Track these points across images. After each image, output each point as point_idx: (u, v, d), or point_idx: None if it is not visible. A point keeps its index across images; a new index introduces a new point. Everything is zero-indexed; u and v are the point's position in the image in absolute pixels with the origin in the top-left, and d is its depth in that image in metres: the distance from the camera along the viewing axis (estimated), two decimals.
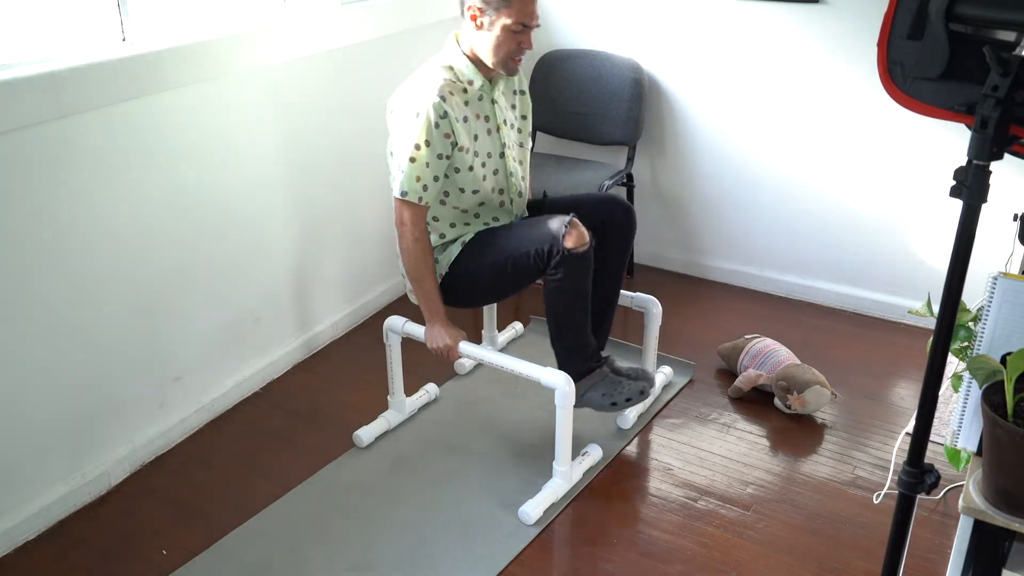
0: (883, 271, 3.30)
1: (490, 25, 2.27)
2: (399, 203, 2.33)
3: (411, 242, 2.35)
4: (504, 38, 2.28)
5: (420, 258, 2.37)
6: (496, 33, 2.28)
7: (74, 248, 2.26)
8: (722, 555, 2.22)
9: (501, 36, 2.28)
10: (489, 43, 2.29)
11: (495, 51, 2.30)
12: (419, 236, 2.35)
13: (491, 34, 2.28)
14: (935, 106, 1.34)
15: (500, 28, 2.27)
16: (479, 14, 2.27)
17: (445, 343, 2.43)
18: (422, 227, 2.35)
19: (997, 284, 1.45)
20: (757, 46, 3.24)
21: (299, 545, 2.25)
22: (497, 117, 2.42)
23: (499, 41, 2.29)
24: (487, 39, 2.29)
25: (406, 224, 2.34)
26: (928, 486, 1.48)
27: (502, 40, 2.29)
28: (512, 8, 2.25)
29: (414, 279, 2.40)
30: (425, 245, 2.37)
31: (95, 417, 2.41)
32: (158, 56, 2.31)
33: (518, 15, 2.26)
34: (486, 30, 2.28)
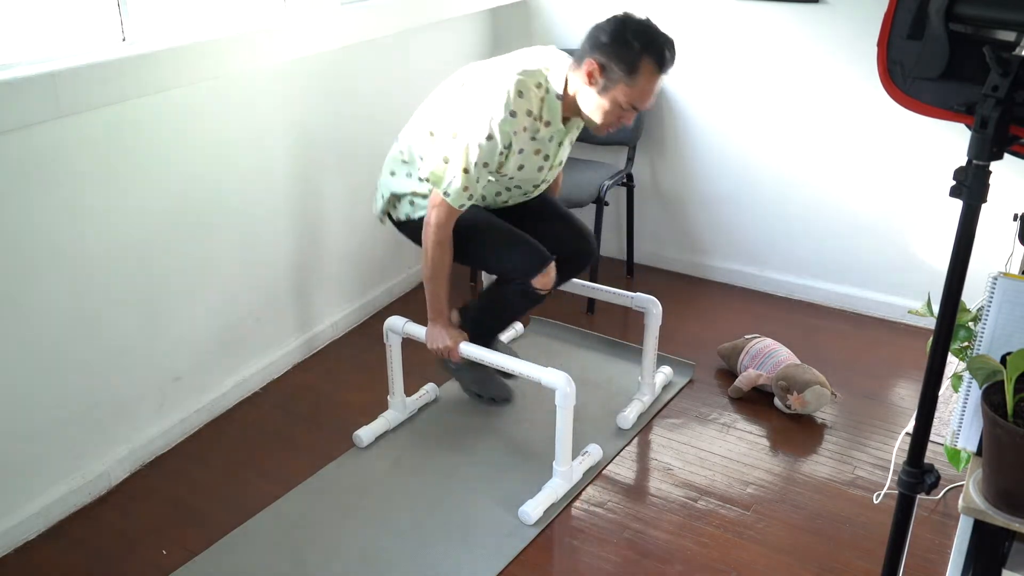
0: (883, 271, 3.30)
1: (603, 89, 2.20)
2: (440, 204, 2.27)
3: (434, 244, 2.32)
4: (611, 108, 2.22)
5: (439, 260, 2.35)
6: (605, 100, 2.21)
7: (74, 248, 2.26)
8: (722, 555, 2.22)
9: (608, 105, 2.22)
10: (594, 104, 2.23)
11: (595, 114, 2.25)
12: (443, 239, 2.31)
13: (600, 97, 2.21)
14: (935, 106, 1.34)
15: (611, 98, 2.20)
16: (598, 73, 2.19)
17: (445, 344, 2.43)
18: (449, 230, 2.31)
19: (997, 284, 1.45)
20: (757, 46, 3.24)
21: (299, 545, 2.25)
22: (553, 157, 2.41)
23: (604, 108, 2.22)
24: (593, 99, 2.22)
25: (435, 225, 2.30)
26: (928, 486, 1.48)
27: (608, 109, 2.22)
28: (634, 87, 2.18)
29: (427, 277, 2.39)
30: (447, 248, 2.34)
31: (95, 417, 2.41)
32: (158, 56, 2.31)
33: (636, 96, 2.20)
34: (597, 91, 2.21)
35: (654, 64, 2.18)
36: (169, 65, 2.35)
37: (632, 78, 2.17)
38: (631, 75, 2.17)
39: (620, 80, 2.18)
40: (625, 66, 2.17)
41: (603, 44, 2.17)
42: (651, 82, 2.20)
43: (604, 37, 2.18)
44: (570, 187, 3.22)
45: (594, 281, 3.10)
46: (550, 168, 2.43)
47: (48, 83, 2.07)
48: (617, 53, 2.16)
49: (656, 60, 2.18)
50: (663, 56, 2.18)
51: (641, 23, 2.19)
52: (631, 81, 2.18)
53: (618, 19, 2.19)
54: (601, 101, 2.22)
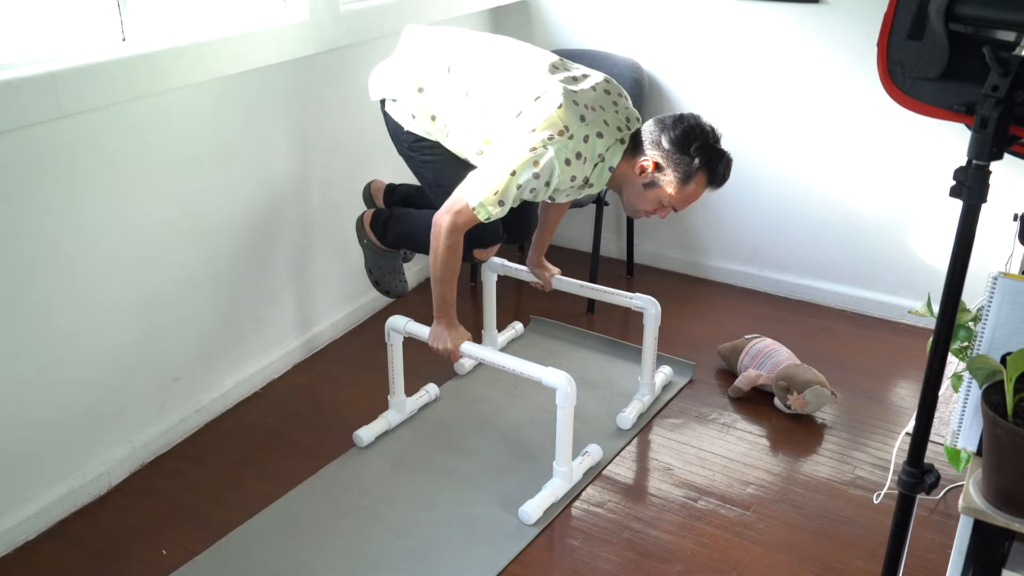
0: (883, 271, 3.30)
1: (651, 184, 2.25)
2: (463, 211, 2.21)
3: (444, 248, 2.28)
4: (651, 201, 2.28)
5: (451, 264, 2.32)
6: (650, 194, 2.26)
7: (74, 248, 2.26)
8: (722, 555, 2.22)
9: (651, 200, 2.27)
10: (638, 194, 2.28)
11: (635, 201, 2.30)
12: (453, 245, 2.27)
13: (646, 191, 2.26)
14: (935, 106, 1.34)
15: (656, 193, 2.25)
16: (651, 170, 2.23)
17: (446, 345, 2.42)
18: (459, 237, 2.28)
19: (997, 284, 1.45)
20: (757, 46, 3.24)
21: (299, 545, 2.25)
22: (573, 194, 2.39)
23: (646, 200, 2.28)
24: (639, 189, 2.27)
25: (446, 230, 2.24)
26: (928, 486, 1.48)
27: (649, 201, 2.28)
28: (681, 194, 2.25)
29: (436, 279, 2.36)
30: (457, 254, 2.32)
31: (95, 417, 2.41)
32: (158, 56, 2.31)
33: (679, 201, 2.27)
34: (644, 184, 2.25)
35: (707, 179, 2.25)
36: (169, 65, 2.35)
37: (683, 187, 2.24)
38: (682, 182, 2.23)
39: (670, 184, 2.24)
40: (680, 175, 2.23)
41: (664, 143, 2.22)
42: (699, 193, 2.27)
43: (666, 142, 2.22)
44: None
45: (594, 281, 3.11)
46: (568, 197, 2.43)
47: (48, 83, 2.07)
48: (676, 160, 2.22)
49: (710, 176, 2.25)
50: (717, 174, 2.25)
51: (706, 136, 2.23)
52: (681, 189, 2.24)
53: (686, 127, 2.22)
54: (646, 194, 2.28)
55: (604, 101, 2.29)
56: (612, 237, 3.78)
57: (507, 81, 2.30)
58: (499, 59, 2.35)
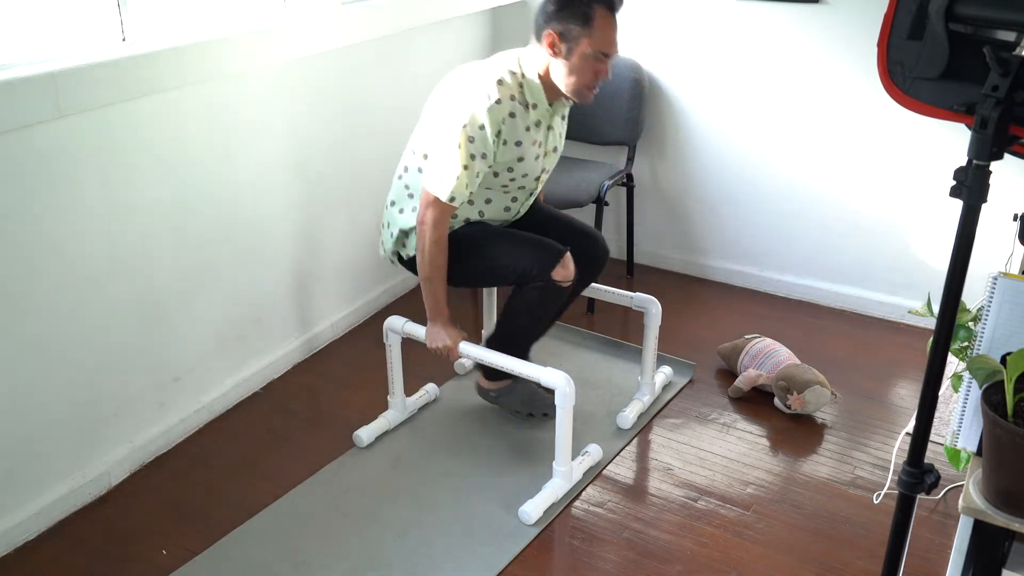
0: (883, 271, 3.30)
1: (568, 53, 2.23)
2: (436, 204, 2.27)
3: (431, 243, 2.31)
4: (582, 66, 2.25)
5: (437, 258, 2.34)
6: (574, 61, 2.24)
7: (74, 248, 2.26)
8: (722, 555, 2.22)
9: (579, 64, 2.24)
10: (566, 69, 2.25)
11: (572, 80, 2.27)
12: (439, 238, 2.31)
13: (568, 62, 2.24)
14: (935, 106, 1.34)
15: (579, 56, 2.23)
16: (557, 40, 2.22)
17: (445, 343, 2.43)
18: (444, 230, 2.31)
19: (997, 284, 1.45)
20: (757, 46, 3.24)
21: (299, 545, 2.25)
22: (548, 144, 2.41)
23: (577, 69, 2.25)
24: (564, 65, 2.25)
25: (430, 225, 2.29)
26: (928, 486, 1.48)
27: (580, 68, 2.25)
28: (593, 36, 2.21)
29: (424, 277, 2.38)
30: (443, 247, 2.34)
31: (95, 417, 2.41)
32: (158, 56, 2.31)
33: (598, 43, 2.23)
34: (563, 57, 2.24)
35: (605, 8, 2.24)
36: (169, 65, 2.35)
37: (589, 29, 2.22)
38: (588, 27, 2.22)
39: (580, 36, 2.22)
40: (580, 21, 2.22)
41: (552, 12, 2.23)
42: (609, 26, 2.25)
43: (551, 6, 2.23)
44: (570, 187, 3.23)
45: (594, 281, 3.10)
46: (545, 155, 2.43)
47: (48, 83, 2.07)
48: (567, 13, 2.22)
49: (606, 4, 2.24)
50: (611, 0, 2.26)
51: None
52: (590, 32, 2.22)
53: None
54: (571, 63, 2.26)
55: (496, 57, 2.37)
56: (612, 237, 3.78)
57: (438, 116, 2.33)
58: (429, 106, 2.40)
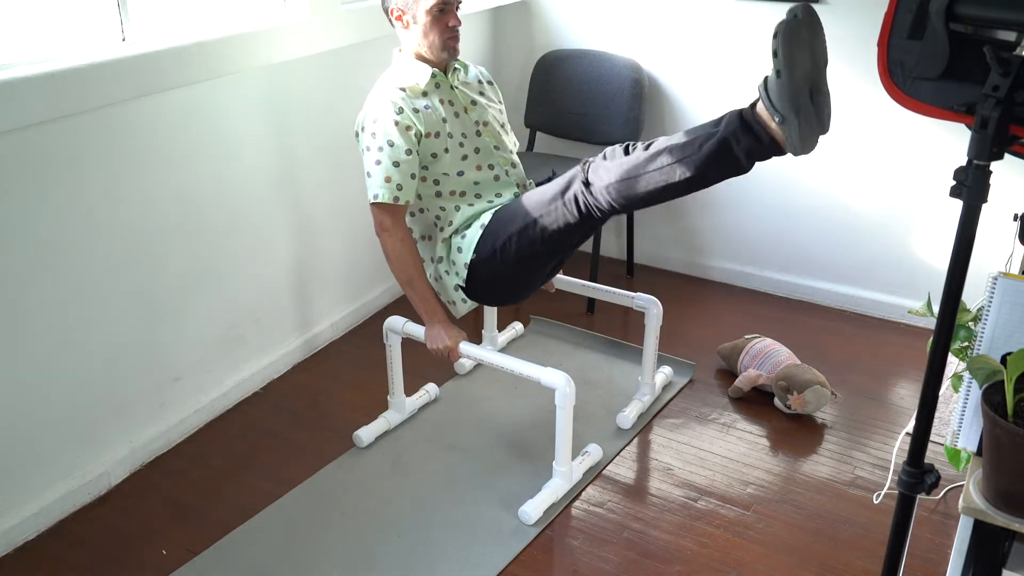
0: (883, 271, 3.30)
1: (414, 19, 2.32)
2: (375, 208, 2.33)
3: (396, 243, 2.34)
4: (431, 23, 2.32)
5: (407, 259, 2.37)
6: (423, 22, 2.32)
7: (74, 248, 2.26)
8: (722, 555, 2.22)
9: (428, 23, 2.32)
10: (420, 33, 2.33)
11: (429, 39, 2.34)
12: (403, 236, 2.36)
13: (419, 26, 2.32)
14: (935, 106, 1.34)
15: (424, 16, 2.31)
16: (402, 13, 2.32)
17: (445, 344, 2.42)
18: (403, 228, 2.36)
19: (997, 284, 1.45)
20: (757, 46, 3.24)
21: (299, 545, 2.25)
22: (461, 100, 2.44)
23: (428, 28, 2.33)
24: (418, 32, 2.34)
25: (387, 229, 2.34)
26: (928, 486, 1.48)
27: (429, 26, 2.32)
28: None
29: (404, 282, 2.39)
30: (410, 245, 2.37)
31: (95, 417, 2.41)
32: (158, 56, 2.31)
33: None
34: (414, 24, 2.33)
35: None
36: (169, 65, 2.35)
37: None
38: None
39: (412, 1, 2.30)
40: None
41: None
42: None
43: None
44: None
45: (594, 281, 3.11)
46: (485, 124, 2.45)
47: (48, 83, 2.07)
48: None
49: None
50: None
51: None
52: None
53: None
54: (422, 27, 2.33)
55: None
56: (612, 237, 3.78)
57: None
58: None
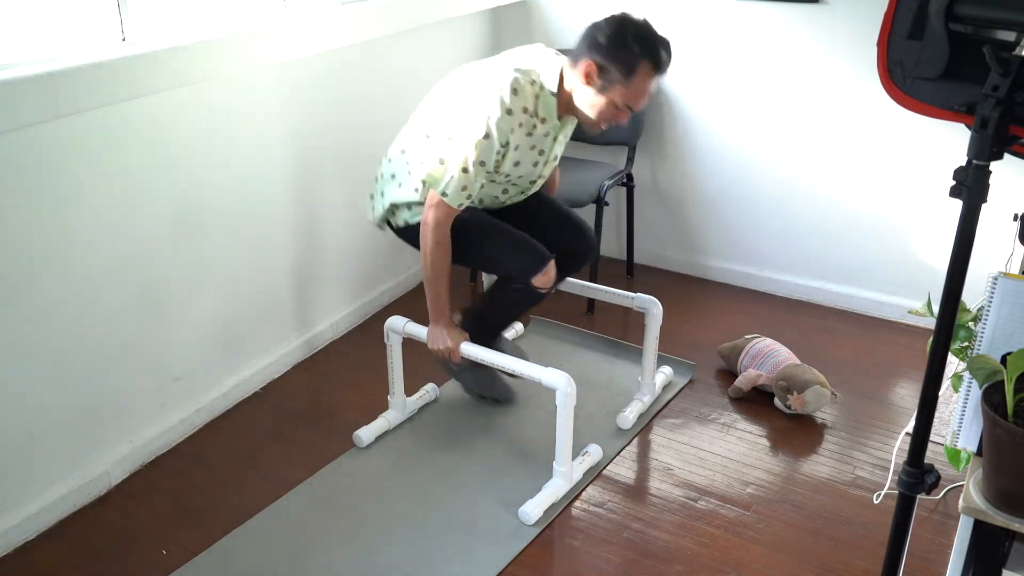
0: (883, 271, 3.30)
1: (600, 89, 2.23)
2: (439, 205, 2.26)
3: (433, 244, 2.32)
4: (606, 108, 2.25)
5: (439, 261, 2.35)
6: (601, 99, 2.24)
7: (74, 248, 2.26)
8: (722, 555, 2.22)
9: (604, 104, 2.25)
10: (590, 102, 2.26)
11: (591, 113, 2.28)
12: (441, 239, 2.31)
13: (596, 96, 2.24)
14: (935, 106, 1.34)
15: (608, 98, 2.23)
16: (595, 74, 2.21)
17: (446, 345, 2.43)
18: (447, 230, 2.31)
19: (997, 284, 1.45)
20: (757, 46, 3.24)
21: (299, 545, 2.25)
22: (548, 152, 2.41)
23: (600, 107, 2.25)
24: (590, 98, 2.25)
25: (433, 225, 2.29)
26: (928, 486, 1.48)
27: (603, 109, 2.26)
28: (630, 88, 2.22)
29: (428, 279, 2.39)
30: (446, 249, 2.34)
31: (95, 417, 2.41)
32: (158, 56, 2.31)
33: (632, 97, 2.24)
34: (595, 91, 2.23)
35: (651, 67, 2.21)
36: (169, 65, 2.35)
37: (629, 80, 2.20)
38: (628, 77, 2.20)
39: (617, 81, 2.21)
40: (623, 68, 2.19)
41: (601, 45, 2.19)
42: (647, 83, 2.23)
43: (602, 38, 2.19)
44: (570, 187, 3.22)
45: (594, 281, 3.11)
46: (545, 163, 2.43)
47: (48, 83, 2.07)
48: (615, 55, 2.19)
49: (653, 63, 2.21)
50: (660, 59, 2.22)
51: (639, 25, 2.21)
52: (628, 82, 2.21)
53: (616, 20, 2.21)
54: (597, 100, 2.25)
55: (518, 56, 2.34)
56: (612, 237, 3.78)
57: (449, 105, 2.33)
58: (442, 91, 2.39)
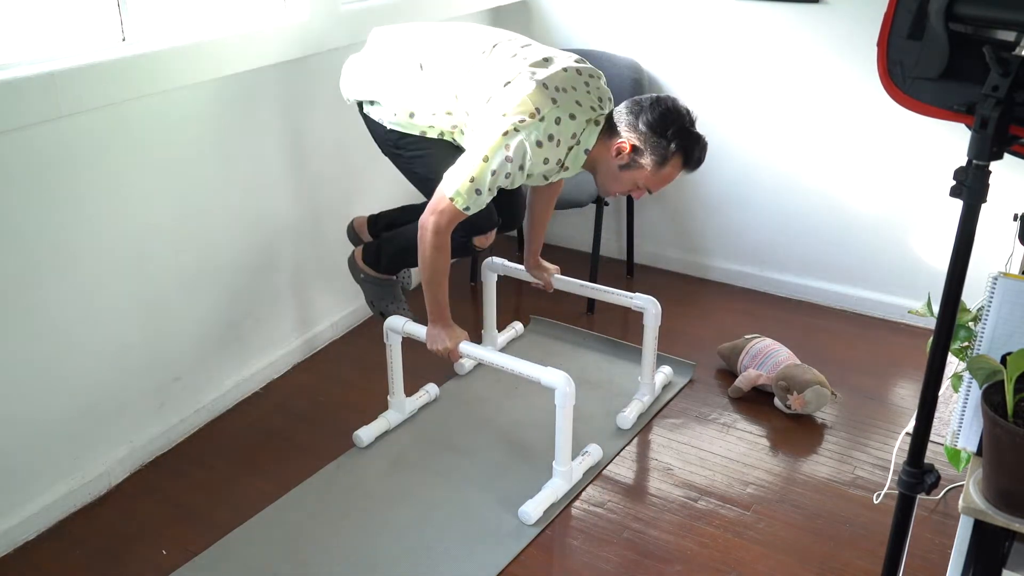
0: (883, 271, 3.30)
1: (627, 167, 2.26)
2: (450, 209, 2.21)
3: (432, 249, 2.28)
4: (627, 183, 2.29)
5: (439, 266, 2.32)
6: (625, 176, 2.27)
7: (74, 248, 2.26)
8: (722, 555, 2.22)
9: (626, 179, 2.28)
10: (613, 175, 2.29)
11: (611, 183, 2.31)
12: (442, 245, 2.27)
13: (621, 172, 2.27)
14: (935, 106, 1.34)
15: (632, 177, 2.26)
16: (626, 153, 2.23)
17: (445, 345, 2.42)
18: (447, 237, 2.27)
19: (997, 284, 1.45)
20: (757, 46, 3.24)
21: (299, 545, 2.25)
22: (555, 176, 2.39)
23: (621, 181, 2.29)
24: (614, 171, 2.28)
25: (434, 231, 2.24)
26: (928, 486, 1.48)
27: (624, 182, 2.29)
28: (656, 176, 2.25)
29: (426, 281, 2.36)
30: (446, 254, 2.32)
31: (95, 417, 2.41)
32: (158, 56, 2.31)
33: (655, 183, 2.28)
34: (620, 166, 2.26)
35: (682, 163, 2.27)
36: (169, 65, 2.35)
37: (659, 169, 2.25)
38: (659, 166, 2.25)
39: (647, 165, 2.25)
40: (656, 157, 2.24)
41: (643, 126, 2.22)
42: (674, 175, 2.29)
43: (643, 124, 2.22)
44: (570, 187, 3.22)
45: (594, 281, 3.11)
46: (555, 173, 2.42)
47: (48, 83, 2.07)
48: (653, 143, 2.23)
49: (686, 160, 2.26)
50: (693, 159, 2.27)
51: (682, 119, 2.23)
52: (656, 171, 2.26)
53: (663, 108, 2.23)
54: (622, 176, 2.29)
55: (576, 82, 2.27)
56: (612, 237, 3.78)
57: (477, 69, 2.29)
58: (468, 48, 2.34)
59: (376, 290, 2.73)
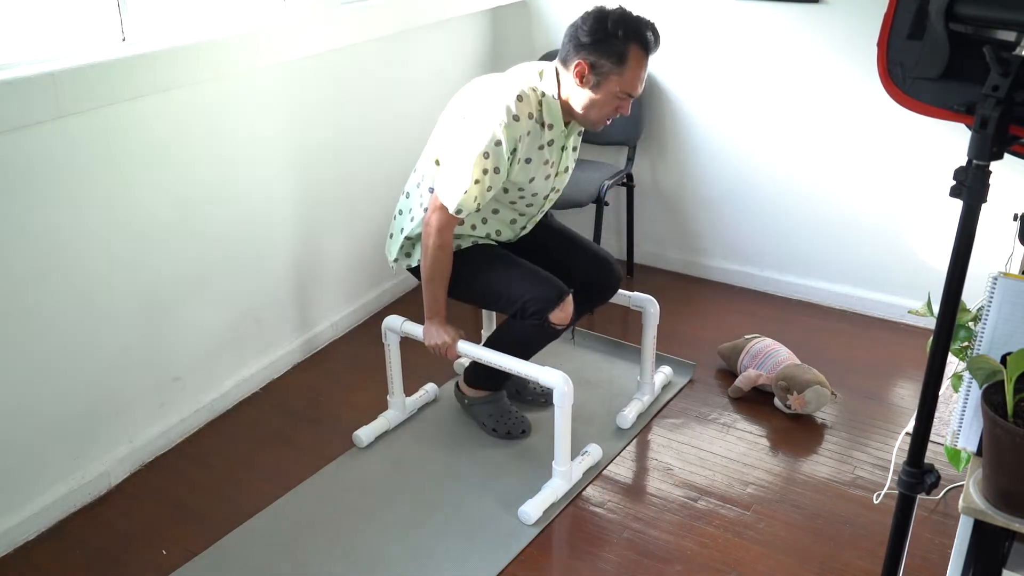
0: (883, 271, 3.30)
1: (595, 86, 2.23)
2: (442, 209, 2.27)
3: (434, 248, 2.31)
4: (605, 101, 2.26)
5: (440, 264, 2.34)
6: (599, 95, 2.24)
7: (74, 248, 2.26)
8: (722, 555, 2.22)
9: (602, 98, 2.25)
10: (589, 101, 2.26)
11: (591, 110, 2.27)
12: (443, 244, 2.31)
13: (594, 93, 2.25)
14: (935, 106, 1.34)
15: (605, 91, 2.24)
16: (587, 71, 2.22)
17: (443, 340, 2.43)
18: (449, 236, 2.32)
19: (997, 284, 1.45)
20: (757, 46, 3.24)
21: (299, 545, 2.25)
22: (560, 164, 2.41)
23: (599, 102, 2.26)
24: (587, 96, 2.25)
25: (435, 229, 2.29)
26: (928, 486, 1.48)
27: (602, 102, 2.26)
28: (624, 76, 2.22)
29: (426, 279, 2.38)
30: (448, 253, 2.34)
31: (95, 417, 2.41)
32: (158, 56, 2.31)
33: (628, 84, 2.24)
34: (589, 88, 2.24)
35: (640, 49, 2.23)
36: (169, 65, 2.35)
37: (622, 68, 2.22)
38: (620, 65, 2.21)
39: (610, 72, 2.22)
40: (614, 58, 2.21)
41: (587, 43, 2.21)
42: (640, 67, 2.25)
43: (585, 36, 2.21)
44: (570, 187, 3.22)
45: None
46: (556, 175, 2.43)
47: (48, 83, 2.07)
48: (602, 48, 2.20)
49: (642, 45, 2.23)
50: (647, 40, 2.24)
51: (618, 13, 2.23)
52: (621, 71, 2.22)
53: (594, 15, 2.22)
54: (596, 97, 2.26)
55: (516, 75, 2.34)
56: (612, 237, 3.78)
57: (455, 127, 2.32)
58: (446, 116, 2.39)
59: (486, 410, 2.66)
